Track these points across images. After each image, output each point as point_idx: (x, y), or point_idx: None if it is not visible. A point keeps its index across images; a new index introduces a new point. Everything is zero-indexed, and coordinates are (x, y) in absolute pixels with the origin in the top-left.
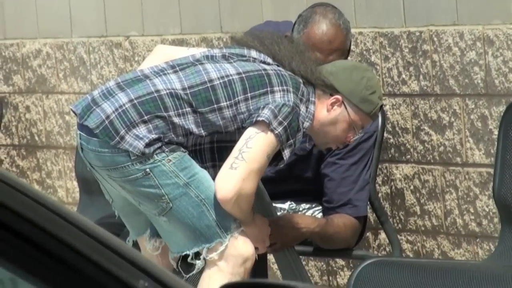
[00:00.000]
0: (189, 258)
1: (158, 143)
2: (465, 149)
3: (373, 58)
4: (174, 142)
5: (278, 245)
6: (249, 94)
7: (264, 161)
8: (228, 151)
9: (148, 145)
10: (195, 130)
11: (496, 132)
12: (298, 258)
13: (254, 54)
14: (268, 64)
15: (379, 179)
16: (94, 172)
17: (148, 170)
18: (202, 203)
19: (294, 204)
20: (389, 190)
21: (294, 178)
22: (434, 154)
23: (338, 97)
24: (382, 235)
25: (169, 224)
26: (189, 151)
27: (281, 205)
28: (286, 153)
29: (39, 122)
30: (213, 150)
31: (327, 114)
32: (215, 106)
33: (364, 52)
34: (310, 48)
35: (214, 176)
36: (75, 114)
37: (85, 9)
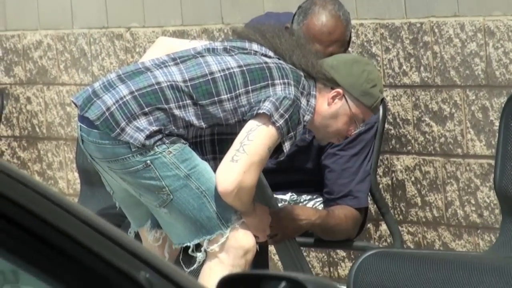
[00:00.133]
0: (190, 250)
1: (159, 135)
2: (466, 140)
3: (374, 49)
4: (175, 134)
5: (279, 236)
6: (250, 87)
7: (265, 153)
8: (228, 144)
9: (148, 137)
10: (196, 122)
11: (497, 123)
12: (299, 249)
13: (255, 47)
14: (269, 57)
15: (380, 171)
16: (95, 164)
17: (148, 162)
18: (203, 195)
19: (295, 195)
20: (390, 182)
21: (295, 169)
22: (435, 145)
23: (339, 90)
24: (383, 227)
25: (169, 215)
26: (189, 143)
27: (282, 196)
28: (287, 145)
29: (40, 113)
30: (213, 142)
31: (328, 108)
32: (216, 98)
33: (365, 43)
34: (310, 39)
35: (214, 168)
36: (76, 106)
37: (86, 0)
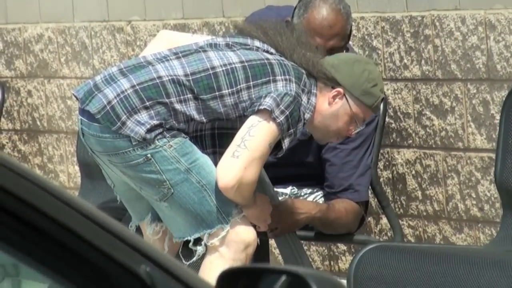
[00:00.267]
0: (190, 244)
1: (160, 129)
2: (466, 134)
3: (374, 43)
4: (176, 128)
5: (279, 230)
6: (251, 83)
7: (266, 149)
8: (229, 138)
9: (149, 130)
10: (196, 116)
11: (498, 117)
12: (299, 243)
13: (257, 43)
14: (271, 53)
15: (381, 164)
16: (95, 157)
17: (149, 155)
18: (203, 189)
19: (296, 189)
20: (390, 175)
21: (296, 163)
22: (435, 139)
23: (340, 90)
24: (384, 220)
25: (170, 209)
26: (190, 137)
27: (282, 189)
28: (286, 142)
29: (41, 106)
30: (214, 136)
31: (329, 107)
32: (217, 93)
33: (366, 37)
34: (310, 33)
35: (214, 162)
36: (77, 99)
37: None
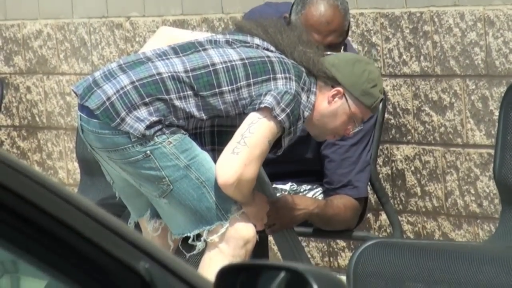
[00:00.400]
0: (190, 240)
1: (159, 126)
2: (465, 130)
3: (374, 39)
4: (175, 125)
5: (276, 226)
6: (251, 80)
7: (266, 146)
8: (228, 135)
9: (148, 127)
10: (196, 113)
11: (496, 113)
12: (297, 239)
13: (257, 41)
14: (271, 51)
15: (380, 160)
16: (95, 153)
17: (148, 152)
18: (203, 185)
19: (295, 185)
20: (389, 171)
21: (295, 159)
22: (434, 135)
23: (340, 89)
24: (383, 216)
25: (169, 206)
26: (189, 134)
27: (282, 186)
28: (286, 141)
29: (40, 103)
30: (213, 133)
31: (328, 106)
32: (217, 90)
33: (365, 33)
34: (308, 29)
35: (213, 159)
36: (76, 95)
37: None
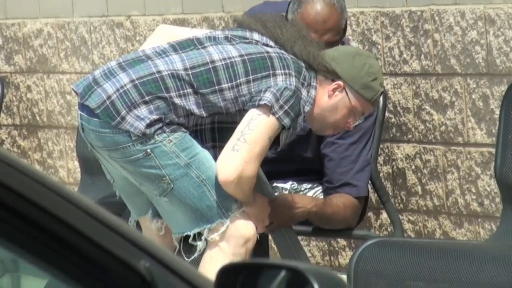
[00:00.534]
0: (190, 239)
1: (159, 124)
2: (466, 128)
3: (374, 37)
4: (175, 122)
5: (275, 225)
6: (251, 77)
7: (266, 143)
8: (229, 132)
9: (149, 125)
10: (196, 111)
11: (497, 111)
12: (295, 238)
13: (256, 36)
14: (270, 47)
15: (381, 159)
16: (95, 152)
17: (149, 150)
18: (203, 184)
19: (296, 184)
20: (390, 170)
21: (295, 158)
22: (435, 133)
23: (340, 83)
24: (384, 215)
25: (170, 204)
26: (190, 131)
27: (282, 184)
28: (283, 136)
29: (40, 102)
30: (213, 130)
31: (328, 100)
32: (216, 87)
33: (365, 31)
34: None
35: (214, 156)
36: (76, 94)
37: None
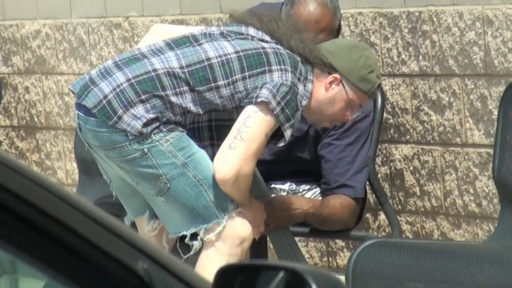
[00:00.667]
0: (186, 239)
1: (156, 123)
2: (464, 129)
3: (372, 38)
4: (172, 121)
5: (271, 226)
6: (246, 73)
7: (262, 140)
8: (226, 129)
9: (145, 124)
10: (193, 108)
11: (495, 112)
12: (293, 239)
13: (252, 32)
14: (266, 42)
15: (379, 160)
16: (92, 152)
17: (145, 150)
18: (200, 184)
19: (294, 185)
20: (388, 171)
21: (292, 160)
22: (433, 134)
23: (337, 76)
24: (382, 216)
25: (166, 204)
26: (187, 129)
27: (281, 186)
28: (288, 133)
29: (39, 103)
30: (211, 128)
31: (325, 93)
32: (213, 84)
33: (363, 32)
34: None
35: (212, 154)
36: (74, 94)
37: None
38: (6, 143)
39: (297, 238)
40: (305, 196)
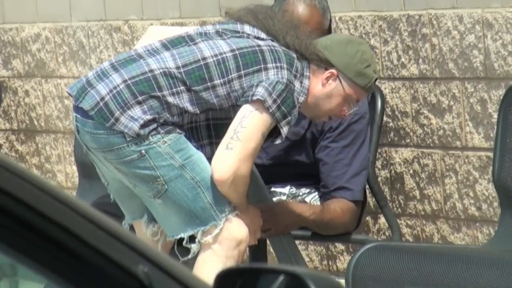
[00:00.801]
0: (184, 242)
1: (153, 124)
2: (464, 133)
3: (372, 41)
4: (170, 122)
5: (272, 231)
6: (242, 72)
7: (259, 139)
8: (224, 128)
9: (143, 126)
10: (190, 108)
11: (495, 115)
12: (293, 242)
13: (247, 29)
14: (262, 39)
15: (378, 163)
16: (90, 154)
17: (143, 151)
18: (197, 185)
19: (294, 188)
20: (388, 174)
21: (291, 163)
22: (433, 138)
23: (333, 71)
24: (382, 220)
25: (164, 206)
26: (185, 129)
27: (281, 189)
28: (285, 130)
29: (38, 106)
30: (209, 127)
31: (322, 89)
32: (209, 84)
33: (363, 35)
34: None
35: (211, 153)
36: (71, 96)
37: None
38: (6, 147)
39: (297, 242)
40: (305, 199)
